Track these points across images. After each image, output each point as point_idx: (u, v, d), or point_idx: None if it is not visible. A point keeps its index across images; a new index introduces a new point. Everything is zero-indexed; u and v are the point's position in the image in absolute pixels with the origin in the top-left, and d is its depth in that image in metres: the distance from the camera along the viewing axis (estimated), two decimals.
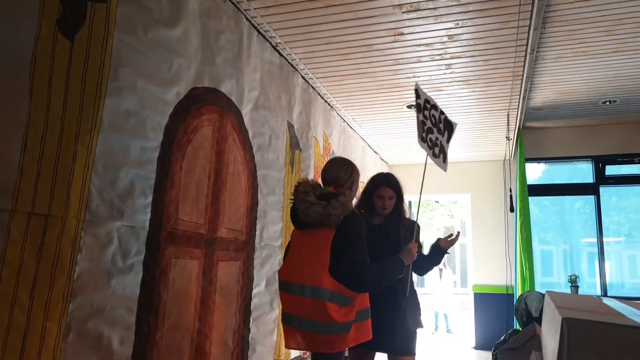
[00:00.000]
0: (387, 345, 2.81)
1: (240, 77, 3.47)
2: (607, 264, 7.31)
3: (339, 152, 5.69)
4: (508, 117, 5.53)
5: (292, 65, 4.33)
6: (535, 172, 7.85)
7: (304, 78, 4.59)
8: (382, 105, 5.41)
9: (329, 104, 5.27)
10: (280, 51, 4.09)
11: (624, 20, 4.07)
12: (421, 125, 3.05)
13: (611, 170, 7.19)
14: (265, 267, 3.82)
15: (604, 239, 7.17)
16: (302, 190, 2.46)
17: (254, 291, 3.66)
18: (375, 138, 6.71)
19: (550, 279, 7.79)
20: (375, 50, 4.15)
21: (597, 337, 1.12)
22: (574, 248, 7.80)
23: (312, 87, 4.79)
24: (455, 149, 7.21)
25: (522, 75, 4.47)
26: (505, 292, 7.05)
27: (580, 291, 7.13)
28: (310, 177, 4.72)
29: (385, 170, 8.03)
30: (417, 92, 3.08)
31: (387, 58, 4.28)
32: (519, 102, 5.14)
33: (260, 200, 3.78)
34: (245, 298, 3.54)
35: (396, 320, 2.80)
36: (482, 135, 6.44)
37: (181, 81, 2.80)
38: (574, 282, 7.12)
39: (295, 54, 4.18)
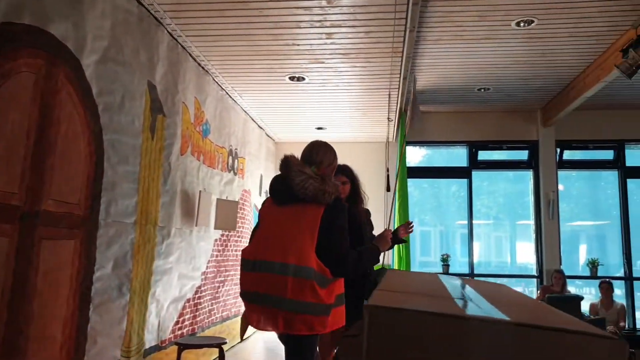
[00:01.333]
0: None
1: (80, 20, 2.90)
2: (476, 245, 7.75)
3: (215, 124, 5.25)
4: (389, 97, 5.48)
5: (155, 18, 3.79)
6: (417, 155, 8.05)
7: (171, 35, 4.07)
8: (263, 74, 5.05)
9: (203, 68, 4.78)
10: (140, 0, 3.54)
11: (496, 7, 4.12)
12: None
13: (483, 155, 7.58)
14: (113, 248, 3.32)
15: (474, 222, 7.58)
16: (297, 162, 2.39)
17: (96, 275, 3.15)
18: (259, 112, 6.34)
19: (428, 258, 8.08)
20: (252, 9, 3.77)
21: (398, 325, 0.94)
22: (449, 229, 8.14)
23: (182, 46, 4.28)
24: (340, 128, 7.10)
25: (402, 52, 4.37)
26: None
27: (451, 269, 7.48)
28: (177, 147, 4.24)
29: (271, 147, 7.72)
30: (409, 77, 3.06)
31: (266, 20, 3.91)
32: (399, 81, 5.08)
33: (107, 170, 3.25)
34: (82, 282, 3.03)
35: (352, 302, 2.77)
36: (364, 114, 6.37)
37: None
38: (445, 261, 7.45)
39: (158, 4, 3.65)
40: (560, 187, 8.02)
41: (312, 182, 2.30)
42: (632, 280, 7.06)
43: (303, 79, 5.12)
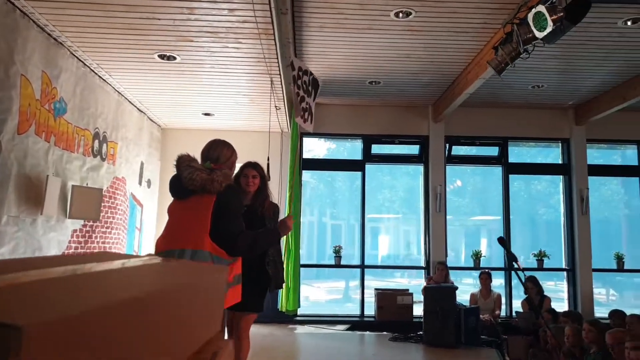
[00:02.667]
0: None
1: None
2: (385, 238, 7.85)
3: (76, 103, 4.77)
4: (272, 84, 5.27)
5: None
6: (317, 147, 7.96)
7: None
8: (129, 51, 4.65)
9: (55, 39, 4.30)
10: None
11: None
12: (299, 101, 3.26)
13: (377, 149, 7.61)
14: None
15: (379, 215, 7.64)
16: (186, 159, 2.69)
17: None
18: (136, 93, 5.89)
19: (324, 250, 8.04)
20: None
21: None
22: (351, 223, 8.12)
23: (20, 10, 3.78)
24: (229, 115, 6.81)
25: (273, 35, 4.16)
26: None
27: (343, 261, 7.46)
28: (12, 124, 3.75)
29: (156, 132, 7.26)
30: (292, 64, 3.31)
31: None
32: (279, 67, 4.88)
33: None
34: None
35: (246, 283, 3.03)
36: (252, 101, 6.12)
37: None
38: (337, 252, 7.42)
39: None
40: (458, 182, 8.29)
41: (199, 174, 2.60)
42: (510, 271, 7.40)
43: (174, 58, 4.78)
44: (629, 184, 7.91)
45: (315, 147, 8.12)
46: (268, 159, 5.30)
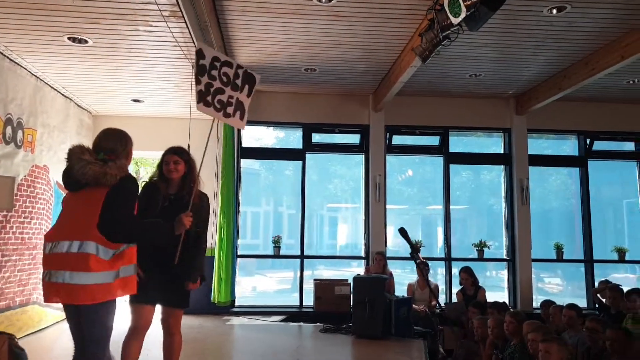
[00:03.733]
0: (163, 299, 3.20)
1: None
2: (343, 227, 7.83)
3: None
4: (193, 68, 5.11)
5: None
6: (265, 135, 7.84)
7: None
8: (37, 31, 4.41)
9: None
10: None
11: None
12: (205, 88, 3.08)
13: (317, 138, 7.54)
14: None
15: (335, 205, 7.59)
16: (78, 151, 2.61)
17: None
18: (57, 78, 5.64)
19: (257, 241, 7.95)
20: None
21: None
22: (283, 210, 8.05)
23: None
24: (159, 102, 6.61)
25: (183, 17, 4.01)
26: (212, 255, 6.86)
27: (282, 251, 7.39)
28: None
29: (86, 119, 7.02)
30: (201, 53, 3.07)
31: None
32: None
33: None
34: None
35: (171, 280, 3.16)
36: (179, 87, 5.96)
37: None
38: (276, 243, 7.34)
39: None
40: (410, 172, 8.28)
41: (91, 167, 2.53)
42: (450, 261, 7.45)
43: (86, 41, 4.58)
44: (577, 174, 7.94)
45: (264, 136, 7.99)
46: (188, 147, 5.16)
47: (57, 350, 4.96)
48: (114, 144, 2.72)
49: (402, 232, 3.74)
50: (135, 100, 6.40)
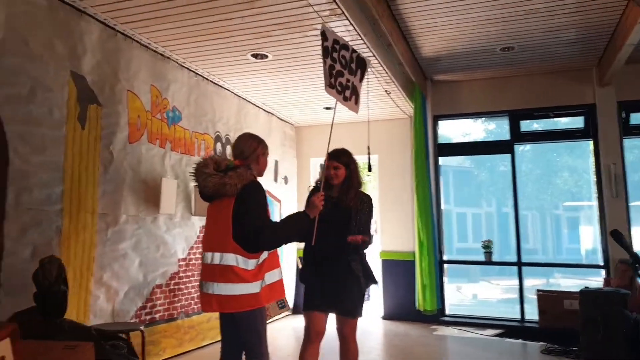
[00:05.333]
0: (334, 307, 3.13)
1: None
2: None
3: (192, 109, 5.21)
4: (370, 66, 4.90)
5: (76, 8, 3.83)
6: (452, 130, 7.19)
7: (104, 24, 4.09)
8: (227, 53, 4.82)
9: (160, 54, 4.74)
10: None
11: None
12: (329, 70, 3.00)
13: (526, 126, 6.49)
14: (30, 234, 3.43)
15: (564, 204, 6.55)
16: (201, 164, 2.72)
17: (6, 261, 3.28)
18: (256, 95, 6.14)
19: (465, 244, 7.25)
20: None
21: None
22: (495, 211, 7.18)
23: (122, 33, 4.27)
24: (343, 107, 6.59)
25: (343, 13, 3.84)
26: (413, 259, 6.54)
27: (496, 257, 6.57)
28: (122, 135, 4.27)
29: (289, 131, 7.49)
30: (324, 35, 3.02)
31: None
32: (368, 48, 4.51)
33: (15, 160, 3.36)
34: None
35: (340, 288, 3.10)
36: (362, 90, 5.81)
37: None
38: (487, 248, 6.56)
39: None
40: None
41: (211, 180, 2.61)
42: None
43: (266, 55, 4.84)
44: None
45: (472, 130, 7.31)
46: (368, 148, 4.97)
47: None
48: (241, 147, 2.80)
49: (616, 235, 2.79)
50: (326, 108, 6.56)
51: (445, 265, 6.67)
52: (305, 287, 3.25)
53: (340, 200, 3.16)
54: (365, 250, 3.25)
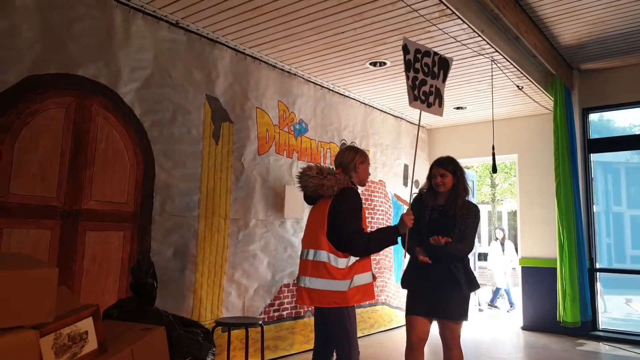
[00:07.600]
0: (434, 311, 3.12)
1: (111, 60, 3.69)
2: None
3: (318, 120, 5.49)
4: (494, 62, 4.59)
5: (209, 39, 4.35)
6: (602, 124, 6.31)
7: (234, 49, 4.56)
8: (347, 64, 4.97)
9: (286, 72, 5.09)
10: (186, 27, 4.16)
11: None
12: (412, 82, 3.09)
13: None
14: (171, 237, 4.04)
15: None
16: (306, 169, 3.01)
17: (155, 259, 3.91)
18: (382, 101, 6.18)
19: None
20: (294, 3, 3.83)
21: None
22: None
23: (251, 56, 4.70)
24: (480, 105, 6.22)
25: (454, 13, 3.70)
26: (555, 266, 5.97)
27: None
28: (252, 148, 4.72)
29: (420, 134, 7.34)
30: (406, 48, 3.07)
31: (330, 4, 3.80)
32: (489, 44, 4.25)
33: (160, 174, 3.99)
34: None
35: (440, 291, 3.10)
36: (489, 85, 5.45)
37: (9, 72, 3.16)
38: None
39: (203, 27, 4.18)
40: None
41: (311, 180, 2.87)
42: None
43: (384, 63, 4.87)
44: None
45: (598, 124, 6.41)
46: (493, 148, 4.71)
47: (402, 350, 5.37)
48: (340, 158, 3.03)
49: None
50: (457, 108, 6.31)
51: (605, 275, 5.99)
52: (407, 293, 3.27)
53: (447, 209, 3.14)
54: (468, 256, 3.20)
